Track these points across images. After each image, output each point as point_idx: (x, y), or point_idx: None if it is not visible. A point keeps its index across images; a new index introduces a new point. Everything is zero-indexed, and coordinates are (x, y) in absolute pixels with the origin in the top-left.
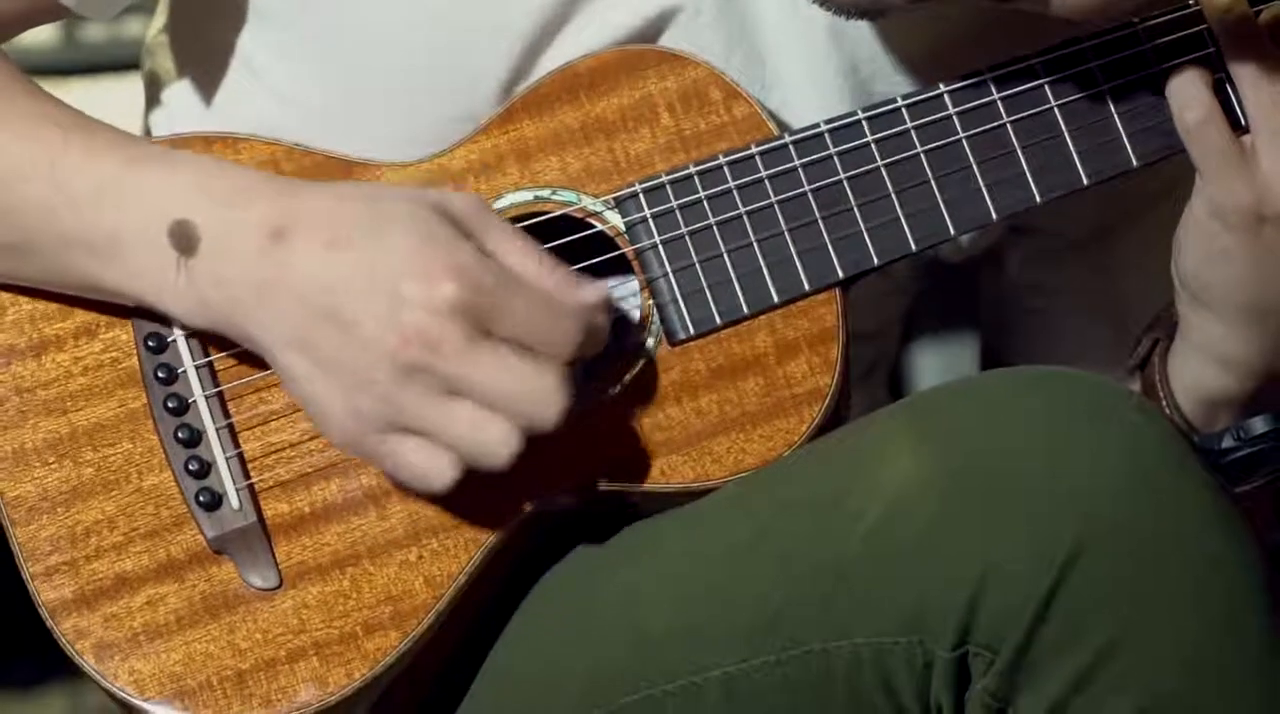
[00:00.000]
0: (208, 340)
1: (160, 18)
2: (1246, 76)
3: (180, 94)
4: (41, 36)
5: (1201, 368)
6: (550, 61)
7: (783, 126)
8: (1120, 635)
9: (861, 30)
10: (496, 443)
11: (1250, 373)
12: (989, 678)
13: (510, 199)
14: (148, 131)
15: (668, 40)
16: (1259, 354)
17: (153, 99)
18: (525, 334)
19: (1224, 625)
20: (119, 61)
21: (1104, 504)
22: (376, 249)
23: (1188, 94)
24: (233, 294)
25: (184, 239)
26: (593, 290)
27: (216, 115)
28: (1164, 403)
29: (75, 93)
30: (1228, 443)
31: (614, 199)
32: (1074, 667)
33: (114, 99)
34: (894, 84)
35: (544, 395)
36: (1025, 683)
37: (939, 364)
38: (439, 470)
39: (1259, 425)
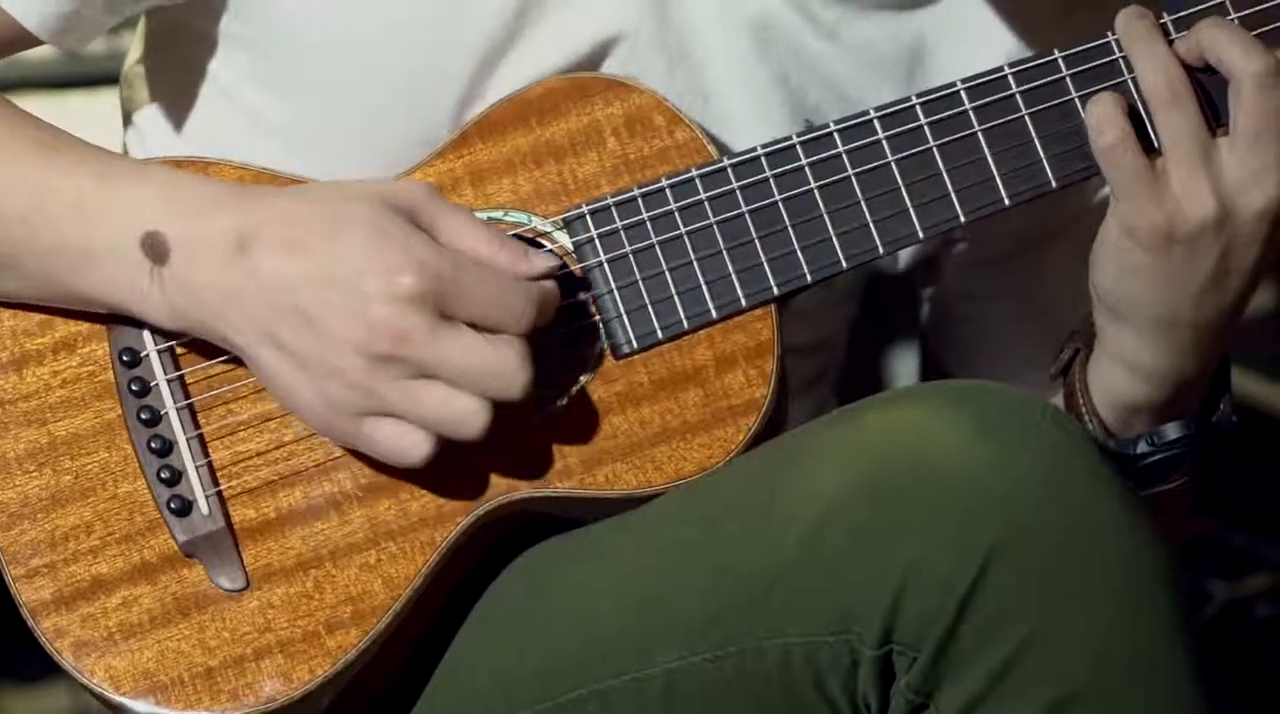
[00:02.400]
0: (179, 355)
1: (136, 50)
2: (1158, 103)
3: (154, 122)
4: (41, 50)
5: (1117, 376)
6: (500, 85)
7: (723, 146)
8: (1034, 633)
9: (787, 43)
10: (469, 415)
11: (1163, 381)
12: (911, 674)
13: None
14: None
15: (611, 66)
16: (1171, 364)
17: (129, 127)
18: (484, 312)
19: (1132, 624)
20: (117, 75)
21: (1019, 510)
22: (335, 248)
23: (1102, 118)
24: (203, 300)
25: (155, 249)
26: (541, 259)
27: (189, 141)
28: (1083, 409)
29: (74, 106)
30: (1142, 448)
31: (563, 219)
32: (990, 663)
33: (113, 112)
34: (824, 94)
35: (507, 368)
36: (945, 678)
37: (885, 372)
38: (415, 446)
39: (1172, 431)
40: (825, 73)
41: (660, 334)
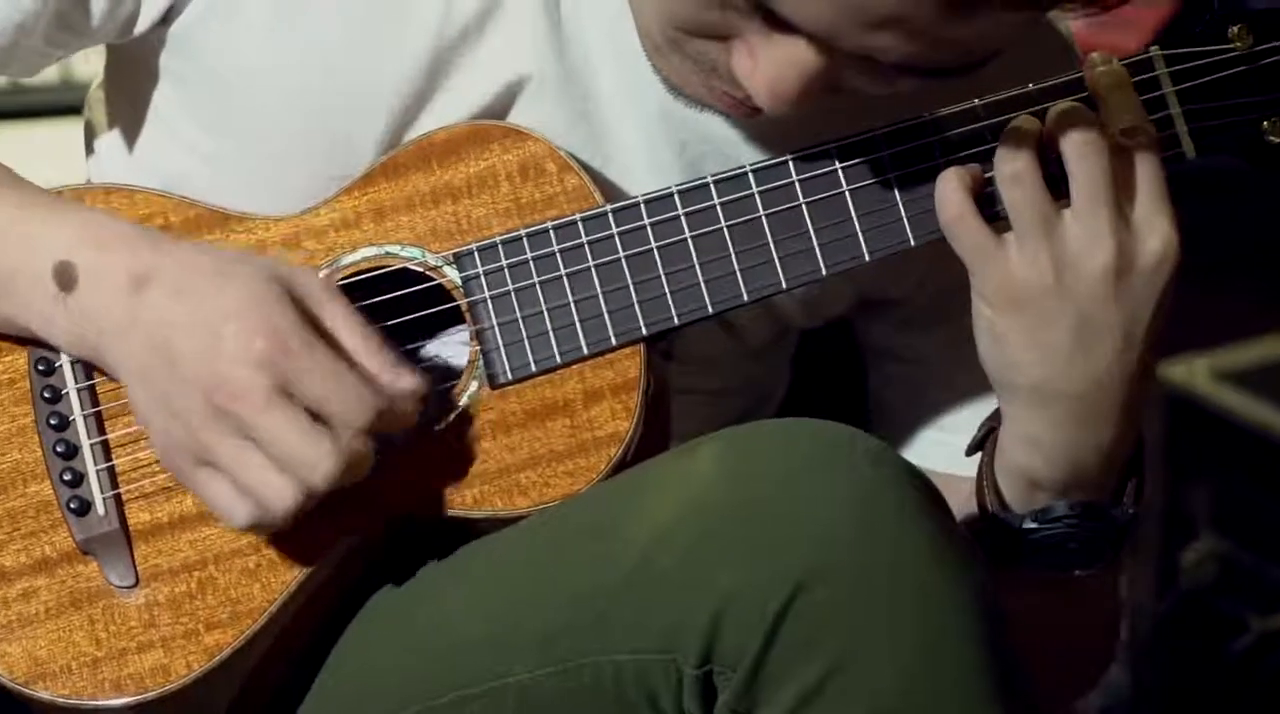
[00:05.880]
0: (91, 366)
1: (99, 76)
2: (1001, 182)
3: (109, 144)
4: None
5: (1015, 448)
6: (420, 129)
7: (613, 195)
8: (840, 660)
9: (688, 116)
10: (274, 491)
11: (1054, 455)
12: (729, 693)
13: (363, 253)
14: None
15: (520, 109)
16: (1058, 437)
17: (89, 147)
18: (320, 400)
19: (935, 654)
20: (71, 105)
21: (830, 540)
22: (213, 301)
23: (943, 195)
24: (98, 328)
25: (64, 278)
26: (408, 380)
27: (137, 165)
28: (984, 482)
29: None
30: (1029, 524)
31: (453, 256)
32: (800, 686)
33: (65, 141)
34: (723, 164)
35: (316, 459)
36: (760, 699)
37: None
38: (235, 509)
39: (1058, 509)
40: (720, 140)
41: (534, 367)
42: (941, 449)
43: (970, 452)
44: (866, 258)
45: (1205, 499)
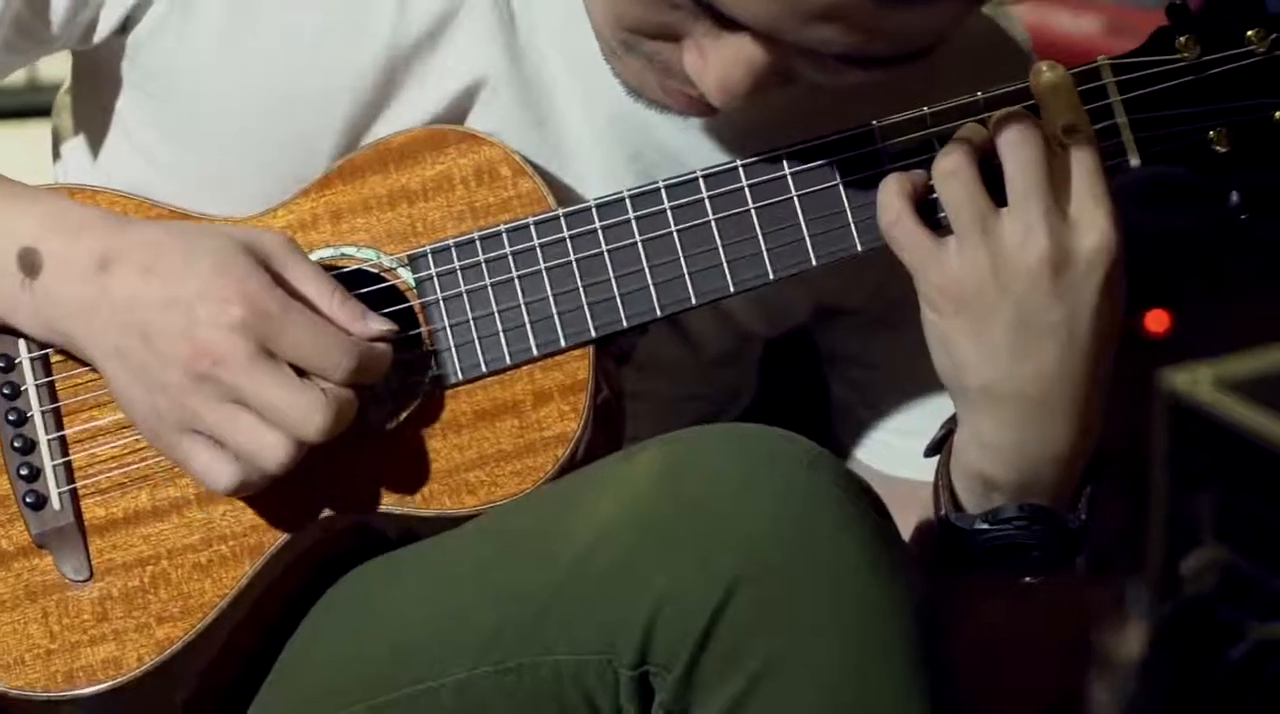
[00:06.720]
0: (52, 362)
1: (67, 80)
2: (937, 177)
3: (74, 149)
4: (7, 79)
5: (969, 449)
6: (378, 133)
7: (567, 200)
8: (771, 664)
9: (640, 124)
10: (267, 448)
11: (1007, 457)
12: (664, 694)
13: (319, 254)
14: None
15: (476, 114)
16: (1009, 438)
17: (55, 152)
18: (302, 356)
19: (867, 661)
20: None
21: (763, 546)
22: (183, 275)
23: (883, 200)
24: (66, 311)
25: (29, 264)
26: (377, 322)
27: (99, 170)
28: (940, 483)
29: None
30: (980, 525)
31: (407, 257)
32: (732, 689)
33: (26, 144)
34: (676, 171)
35: (308, 411)
36: (695, 700)
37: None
38: (221, 475)
39: (1008, 510)
40: (674, 149)
41: (485, 367)
42: (902, 453)
43: (929, 453)
44: (814, 263)
45: (1208, 507)
